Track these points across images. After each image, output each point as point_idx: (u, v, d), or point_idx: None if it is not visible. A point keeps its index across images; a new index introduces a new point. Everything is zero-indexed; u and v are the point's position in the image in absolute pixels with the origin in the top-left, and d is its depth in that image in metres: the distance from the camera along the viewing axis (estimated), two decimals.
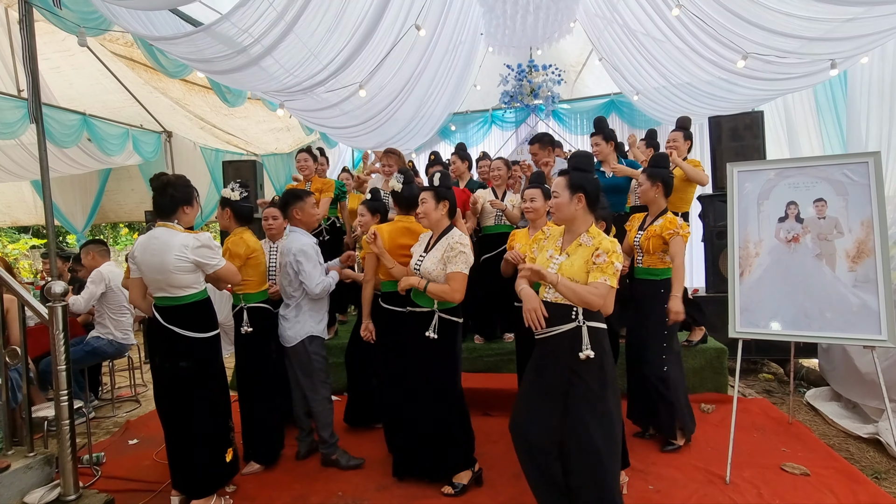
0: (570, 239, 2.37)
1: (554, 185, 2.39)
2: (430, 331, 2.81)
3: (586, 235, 2.34)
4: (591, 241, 2.31)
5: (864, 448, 3.46)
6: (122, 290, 4.38)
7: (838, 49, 4.55)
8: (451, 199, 2.91)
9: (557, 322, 2.30)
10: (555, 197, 2.36)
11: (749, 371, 5.05)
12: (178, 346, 2.69)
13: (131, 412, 4.62)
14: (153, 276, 2.68)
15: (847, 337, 2.95)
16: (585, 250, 2.29)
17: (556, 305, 2.31)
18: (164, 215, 2.74)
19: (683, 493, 2.84)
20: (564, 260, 2.32)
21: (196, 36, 3.62)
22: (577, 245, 2.33)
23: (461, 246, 2.76)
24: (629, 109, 8.25)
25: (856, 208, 2.99)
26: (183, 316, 2.71)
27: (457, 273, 2.74)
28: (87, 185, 8.57)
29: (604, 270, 2.22)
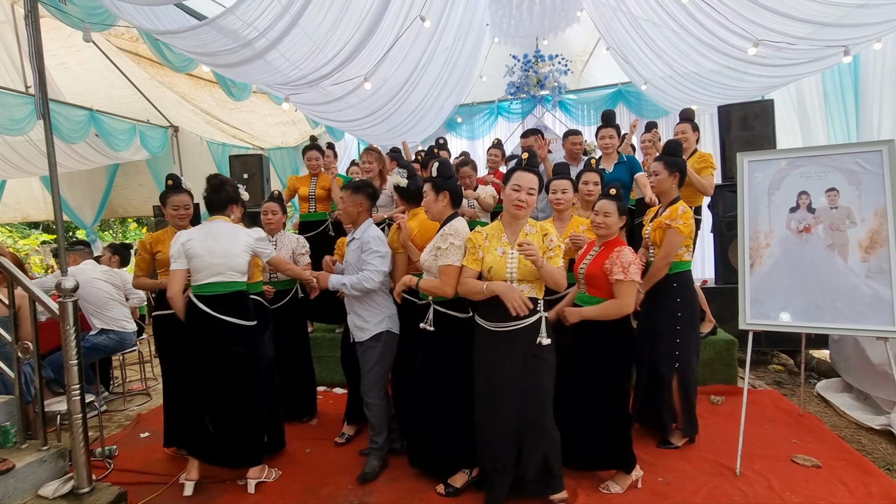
0: (515, 231, 2.53)
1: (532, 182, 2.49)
2: (425, 323, 2.78)
3: (527, 225, 2.53)
4: (534, 228, 2.53)
5: (877, 440, 3.43)
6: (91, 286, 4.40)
7: (851, 35, 4.47)
8: (452, 188, 2.81)
9: (524, 315, 2.44)
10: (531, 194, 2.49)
11: (759, 362, 5.01)
12: (229, 333, 2.94)
13: (142, 406, 4.66)
14: (215, 260, 2.91)
15: (859, 328, 2.91)
16: (534, 237, 2.48)
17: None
18: (217, 210, 3.07)
19: (693, 486, 2.83)
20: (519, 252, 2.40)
21: (201, 30, 3.61)
22: (524, 235, 2.50)
23: (453, 238, 2.64)
24: (636, 99, 8.16)
25: (869, 198, 2.94)
26: (232, 304, 2.96)
27: (446, 266, 2.61)
28: (95, 180, 8.62)
29: (559, 256, 2.50)
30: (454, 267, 2.60)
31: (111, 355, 4.71)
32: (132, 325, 4.62)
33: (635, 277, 2.63)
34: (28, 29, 2.82)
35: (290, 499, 2.91)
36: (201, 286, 2.94)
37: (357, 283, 2.95)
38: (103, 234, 12.15)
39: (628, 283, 2.63)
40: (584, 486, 2.82)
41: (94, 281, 4.44)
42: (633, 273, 2.62)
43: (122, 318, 4.52)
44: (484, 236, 2.57)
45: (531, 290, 2.49)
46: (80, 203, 8.67)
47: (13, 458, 2.63)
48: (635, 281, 2.64)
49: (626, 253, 2.67)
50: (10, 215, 9.62)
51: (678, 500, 2.72)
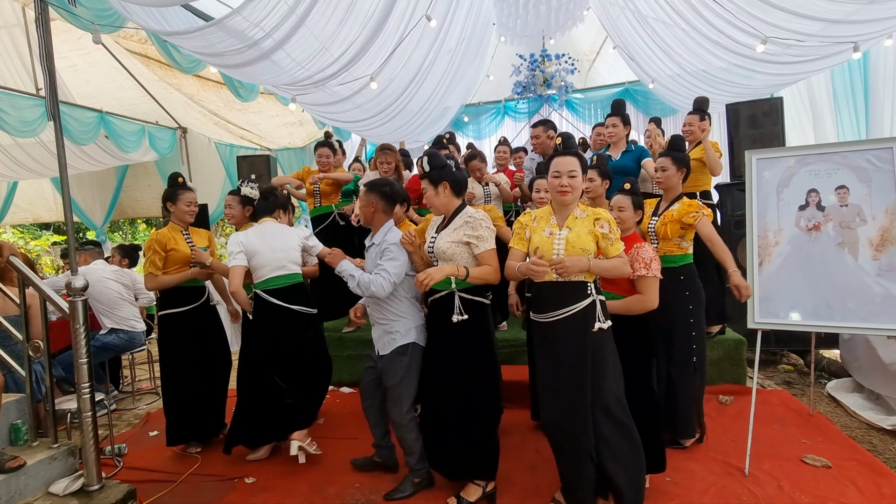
0: (564, 215, 2.46)
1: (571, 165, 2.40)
2: (457, 313, 2.60)
3: (578, 209, 2.45)
4: (584, 212, 2.44)
5: (888, 440, 3.39)
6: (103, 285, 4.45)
7: (861, 31, 4.42)
8: (449, 176, 2.70)
9: (573, 300, 2.35)
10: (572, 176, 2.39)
11: (768, 362, 4.97)
12: (301, 321, 3.28)
13: (151, 405, 4.70)
14: (277, 254, 3.22)
15: (870, 327, 2.88)
16: (584, 221, 2.41)
17: (570, 284, 2.36)
18: (266, 214, 3.39)
19: (702, 485, 2.81)
20: (568, 233, 2.39)
21: (208, 30, 3.63)
22: (574, 218, 2.43)
23: (484, 221, 2.61)
24: (644, 98, 8.12)
25: (879, 195, 2.91)
26: (298, 294, 3.29)
27: (487, 252, 2.61)
28: (104, 181, 8.71)
29: (618, 241, 2.41)
30: (493, 250, 2.62)
31: (121, 354, 4.75)
32: (141, 324, 4.66)
33: (657, 273, 2.59)
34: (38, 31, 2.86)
35: (298, 497, 2.92)
36: (266, 281, 3.23)
37: (365, 283, 2.73)
38: (113, 236, 12.26)
39: (651, 279, 2.57)
40: None
41: (105, 280, 4.49)
42: (654, 269, 2.58)
43: (131, 318, 4.56)
44: (532, 217, 2.54)
45: (578, 275, 2.35)
46: (90, 204, 8.76)
47: (24, 456, 2.67)
48: (658, 277, 2.60)
49: (646, 249, 2.63)
50: (21, 216, 9.72)
51: (686, 499, 2.70)
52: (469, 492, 2.71)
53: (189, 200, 3.47)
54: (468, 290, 2.65)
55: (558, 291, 2.37)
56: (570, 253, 2.36)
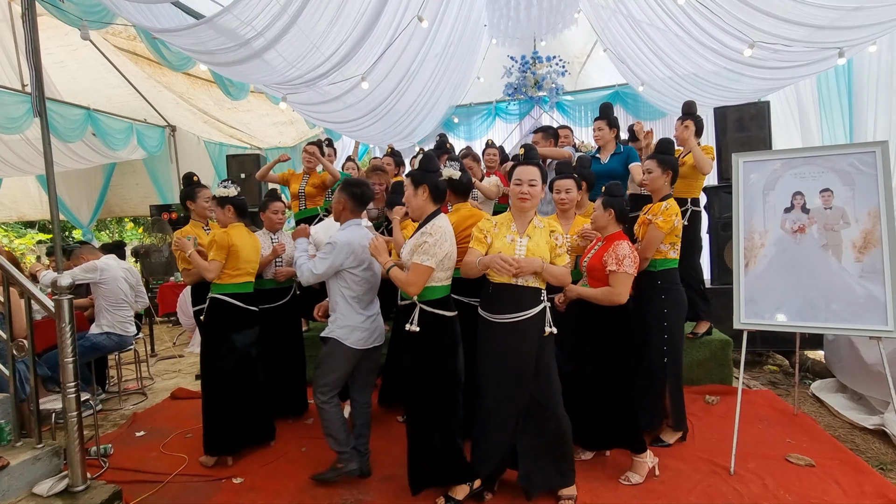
0: (524, 222, 2.59)
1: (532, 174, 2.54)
2: (410, 323, 2.61)
3: (536, 219, 2.61)
4: (542, 223, 2.61)
5: (870, 439, 3.45)
6: (119, 283, 4.41)
7: (846, 37, 4.50)
8: (432, 182, 2.67)
9: (529, 305, 2.52)
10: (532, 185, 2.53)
11: (754, 363, 5.03)
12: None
13: (138, 405, 4.65)
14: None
15: (853, 328, 2.93)
16: (542, 231, 2.58)
17: (528, 289, 2.53)
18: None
19: (688, 484, 2.84)
20: (528, 241, 2.54)
21: (198, 28, 3.61)
22: (534, 227, 2.58)
23: (432, 235, 2.54)
24: (634, 101, 8.18)
25: (862, 198, 2.96)
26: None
27: (417, 265, 2.52)
28: (91, 179, 8.62)
29: (565, 254, 2.61)
30: (424, 267, 2.51)
31: (108, 354, 4.70)
32: (133, 327, 4.62)
33: (628, 270, 2.75)
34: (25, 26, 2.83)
35: (286, 497, 2.91)
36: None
37: (297, 265, 2.98)
38: (100, 234, 12.12)
39: (621, 275, 2.76)
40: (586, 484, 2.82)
41: (118, 279, 4.44)
42: (626, 265, 2.74)
43: (127, 321, 4.52)
44: (493, 224, 2.65)
45: (535, 281, 2.53)
46: (77, 202, 8.67)
47: (8, 456, 2.63)
48: (628, 273, 2.75)
49: (622, 246, 2.78)
50: (5, 214, 9.60)
51: (673, 498, 2.73)
52: (457, 491, 2.72)
53: (207, 196, 3.74)
54: (429, 303, 2.62)
55: (515, 295, 2.52)
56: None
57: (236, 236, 3.31)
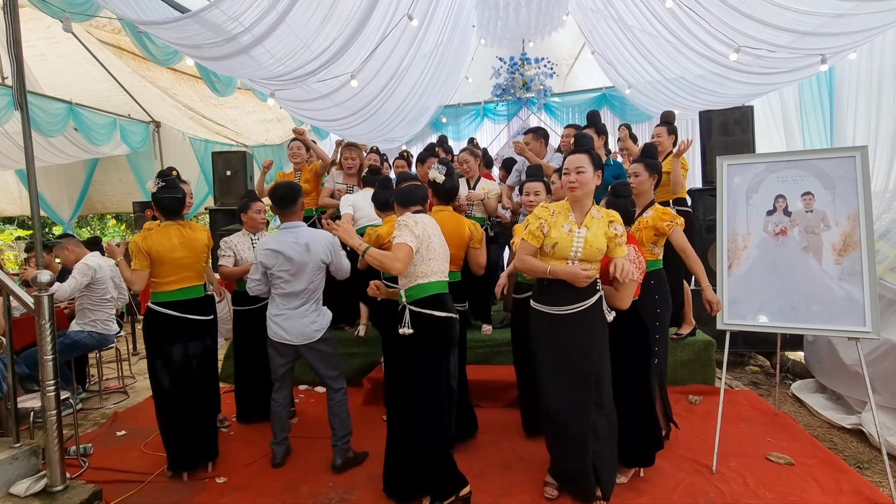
0: (582, 212, 2.57)
1: (576, 160, 2.51)
2: (403, 326, 2.58)
3: (594, 209, 2.59)
4: (600, 213, 2.58)
5: (848, 438, 3.52)
6: (108, 283, 4.34)
7: (829, 44, 4.57)
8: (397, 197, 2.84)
9: (586, 296, 2.53)
10: (580, 172, 2.49)
11: (736, 363, 5.11)
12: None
13: (119, 404, 4.58)
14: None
15: (833, 329, 2.99)
16: (600, 222, 2.55)
17: None
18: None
19: (671, 482, 2.87)
20: (587, 232, 2.52)
21: (184, 22, 3.56)
22: (591, 218, 2.56)
23: (404, 221, 2.59)
24: (620, 104, 8.25)
25: (843, 202, 3.02)
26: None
27: (398, 243, 2.53)
28: (73, 175, 8.47)
29: (624, 244, 2.56)
30: (406, 245, 2.52)
31: (89, 352, 4.62)
32: (115, 325, 4.54)
33: (635, 278, 2.67)
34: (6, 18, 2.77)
35: (270, 497, 2.89)
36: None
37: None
38: (81, 231, 11.91)
39: (628, 284, 2.64)
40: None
41: (107, 279, 4.37)
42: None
43: (110, 319, 4.45)
44: (551, 212, 2.59)
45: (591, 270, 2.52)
46: (58, 198, 8.50)
47: None
48: (634, 280, 2.70)
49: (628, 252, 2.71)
50: None
51: (656, 496, 2.76)
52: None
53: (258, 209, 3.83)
54: (419, 304, 2.60)
55: (572, 286, 2.51)
56: (587, 251, 2.50)
57: (153, 239, 2.96)
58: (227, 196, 6.36)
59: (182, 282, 3.06)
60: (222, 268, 3.68)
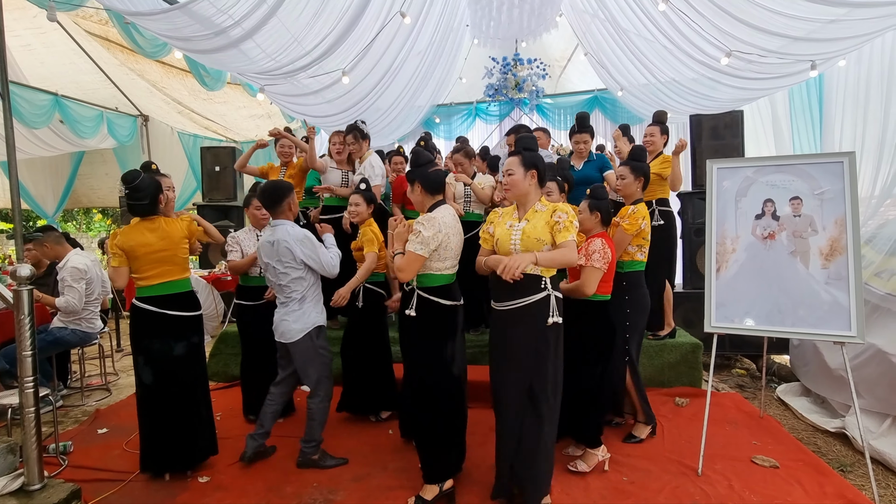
0: (526, 209, 2.59)
1: (508, 163, 2.58)
2: (409, 308, 2.72)
3: (539, 203, 2.57)
4: (545, 207, 2.55)
5: (832, 442, 3.54)
6: (95, 283, 4.27)
7: (820, 50, 4.61)
8: (421, 176, 2.73)
9: (528, 293, 2.48)
10: (509, 175, 2.54)
11: (723, 366, 5.13)
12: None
13: (101, 401, 4.51)
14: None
15: (818, 333, 3.01)
16: (543, 214, 2.51)
17: (526, 275, 2.43)
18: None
19: (656, 485, 2.87)
20: (525, 225, 2.51)
21: (172, 13, 3.51)
22: (534, 212, 2.55)
23: (422, 225, 2.60)
24: (612, 106, 8.28)
25: (830, 207, 3.04)
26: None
27: (408, 252, 2.60)
28: (58, 168, 8.33)
29: (567, 229, 2.43)
30: (414, 255, 2.57)
31: (71, 349, 4.55)
32: (100, 322, 4.47)
33: (595, 264, 2.82)
34: None
35: (254, 497, 2.85)
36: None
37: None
38: (66, 225, 11.74)
39: (589, 269, 2.84)
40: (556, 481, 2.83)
41: (95, 280, 4.30)
42: (594, 260, 2.83)
43: (94, 316, 4.38)
44: (499, 214, 2.70)
45: (535, 268, 2.45)
46: (42, 191, 8.36)
47: None
48: (595, 267, 2.82)
49: (595, 243, 2.88)
50: None
51: (641, 498, 2.75)
52: (426, 490, 2.72)
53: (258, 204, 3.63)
54: (428, 290, 2.70)
55: (515, 281, 2.39)
56: (525, 243, 2.47)
57: (126, 235, 2.90)
58: (215, 192, 6.30)
59: (163, 276, 2.96)
60: (230, 262, 3.69)
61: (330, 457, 3.18)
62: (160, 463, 3.01)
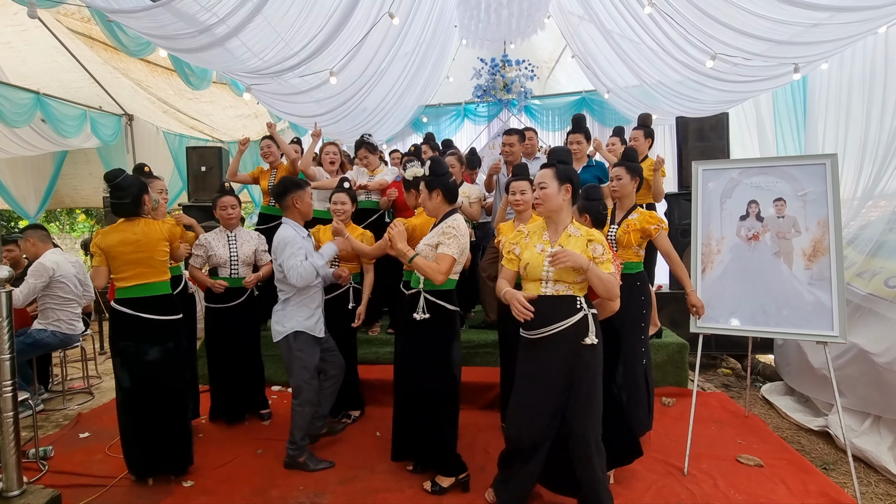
0: (557, 231, 2.42)
1: (540, 176, 2.42)
2: (418, 311, 2.75)
3: (572, 227, 2.41)
4: (579, 231, 2.40)
5: (815, 440, 3.59)
6: (70, 280, 4.20)
7: (802, 53, 4.67)
8: (443, 185, 2.77)
9: (563, 316, 2.31)
10: (542, 188, 2.39)
11: (709, 366, 5.18)
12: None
13: (83, 405, 4.43)
14: None
15: (802, 333, 3.04)
16: (578, 240, 2.36)
17: (559, 298, 2.33)
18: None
19: (643, 485, 2.89)
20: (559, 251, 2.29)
21: (155, 11, 3.45)
22: (567, 236, 2.39)
23: (454, 230, 2.67)
24: (600, 107, 8.33)
25: (813, 208, 3.08)
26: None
27: (444, 255, 2.64)
28: (40, 167, 8.17)
29: (608, 263, 2.31)
30: (451, 257, 2.64)
31: (52, 352, 4.46)
32: (81, 324, 4.40)
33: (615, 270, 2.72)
34: None
35: (239, 501, 2.81)
36: None
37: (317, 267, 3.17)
38: (49, 226, 11.55)
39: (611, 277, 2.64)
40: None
41: (70, 277, 4.22)
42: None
43: (75, 318, 4.31)
44: (525, 234, 2.52)
45: (568, 290, 2.33)
46: (23, 191, 8.19)
47: None
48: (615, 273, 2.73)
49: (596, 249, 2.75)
50: None
51: (628, 498, 2.77)
52: (443, 478, 2.83)
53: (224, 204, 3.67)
54: (434, 294, 2.76)
55: (548, 307, 2.32)
56: (559, 272, 2.30)
57: (105, 234, 2.87)
58: (201, 192, 6.22)
59: (138, 277, 2.88)
60: (191, 268, 3.61)
61: (317, 459, 3.15)
62: (142, 467, 2.96)
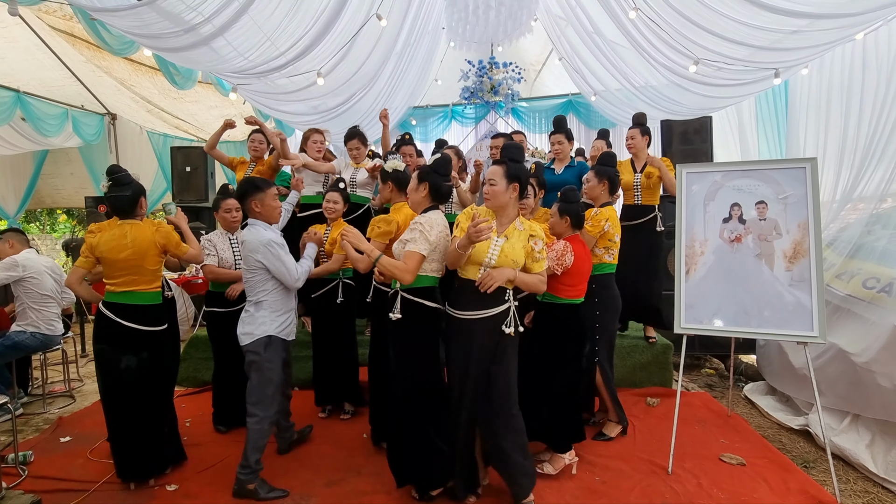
0: (505, 223, 2.58)
1: (490, 172, 2.54)
2: (393, 311, 2.65)
3: (518, 221, 2.59)
4: (523, 226, 2.59)
5: (796, 439, 3.65)
6: (44, 278, 4.14)
7: (783, 59, 4.76)
8: (433, 182, 2.68)
9: (493, 304, 2.51)
10: (491, 185, 2.52)
11: (692, 366, 5.24)
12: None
13: (64, 408, 4.36)
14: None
15: (783, 333, 3.10)
16: (522, 234, 2.56)
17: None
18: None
19: (628, 484, 2.92)
20: (504, 242, 2.51)
21: (140, 10, 3.41)
22: (514, 229, 2.56)
23: (420, 225, 2.56)
24: (586, 110, 8.40)
25: (794, 211, 3.14)
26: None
27: (410, 252, 2.53)
28: (20, 167, 8.02)
29: (542, 260, 2.59)
30: (418, 255, 2.52)
31: (32, 354, 4.39)
32: (61, 325, 4.33)
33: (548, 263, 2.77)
34: None
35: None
36: None
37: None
38: (29, 227, 11.34)
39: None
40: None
41: (44, 275, 4.16)
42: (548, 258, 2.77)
43: (55, 319, 4.24)
44: (482, 216, 2.54)
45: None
46: (2, 191, 8.03)
47: None
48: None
49: (556, 245, 2.91)
50: None
51: (613, 498, 2.79)
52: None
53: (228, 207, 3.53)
54: (411, 292, 2.64)
55: (478, 291, 2.48)
56: (501, 261, 2.48)
57: (101, 236, 2.85)
58: (186, 193, 6.17)
59: (127, 285, 2.84)
60: (206, 266, 3.44)
61: (269, 486, 2.86)
62: (126, 471, 2.93)
